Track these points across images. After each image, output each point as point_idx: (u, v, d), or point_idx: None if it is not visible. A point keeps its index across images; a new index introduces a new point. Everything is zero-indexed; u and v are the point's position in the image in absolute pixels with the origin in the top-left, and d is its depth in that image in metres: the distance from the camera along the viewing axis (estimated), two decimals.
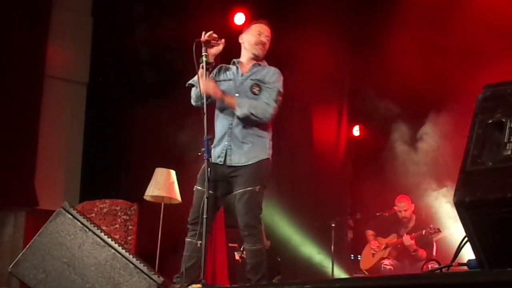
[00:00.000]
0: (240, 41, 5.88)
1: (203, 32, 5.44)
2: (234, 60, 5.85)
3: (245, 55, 5.81)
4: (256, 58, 5.80)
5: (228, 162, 5.41)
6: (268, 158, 5.56)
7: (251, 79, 5.61)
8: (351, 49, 10.80)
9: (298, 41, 10.01)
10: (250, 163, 5.39)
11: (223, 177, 5.42)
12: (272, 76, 5.68)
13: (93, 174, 9.66)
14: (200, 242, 5.12)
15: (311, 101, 11.34)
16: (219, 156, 5.44)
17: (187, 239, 5.37)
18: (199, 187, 5.41)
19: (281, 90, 5.64)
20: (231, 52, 5.94)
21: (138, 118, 9.50)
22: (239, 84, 5.60)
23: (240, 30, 10.43)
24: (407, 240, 8.57)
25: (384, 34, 9.46)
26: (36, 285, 4.22)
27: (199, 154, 5.32)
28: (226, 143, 5.46)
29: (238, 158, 5.40)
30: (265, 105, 5.45)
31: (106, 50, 9.98)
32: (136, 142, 9.56)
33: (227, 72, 5.77)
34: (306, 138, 11.29)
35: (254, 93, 5.49)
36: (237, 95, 5.46)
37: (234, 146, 5.43)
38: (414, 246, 8.53)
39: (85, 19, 10.24)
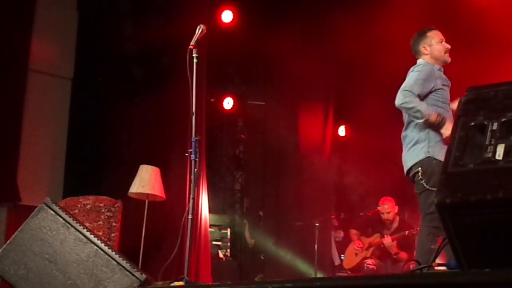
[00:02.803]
0: (425, 51, 5.85)
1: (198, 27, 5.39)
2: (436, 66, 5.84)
3: (435, 64, 5.82)
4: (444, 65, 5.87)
5: None
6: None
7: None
8: (338, 49, 10.83)
9: (286, 41, 10.02)
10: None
11: None
12: None
13: (77, 170, 9.62)
14: None
15: (298, 101, 11.37)
16: None
17: None
18: None
19: None
20: (219, 49, 5.94)
21: (124, 114, 9.47)
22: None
23: (228, 27, 10.46)
24: (388, 241, 8.64)
25: (371, 33, 9.49)
26: (17, 281, 4.21)
27: (186, 155, 5.30)
28: None
29: None
30: None
31: (91, 45, 9.93)
32: (121, 138, 9.54)
33: (442, 76, 5.80)
34: (293, 138, 11.33)
35: None
36: None
37: None
38: (395, 249, 8.61)
39: (70, 13, 10.18)
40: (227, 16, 10.71)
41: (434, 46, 5.79)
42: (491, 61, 8.36)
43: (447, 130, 5.28)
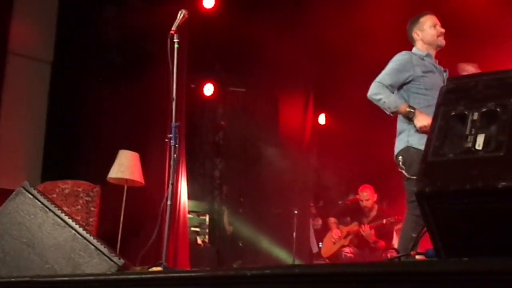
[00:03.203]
0: (417, 37, 5.79)
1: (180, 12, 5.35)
2: (419, 53, 5.75)
3: (428, 49, 5.76)
4: (439, 49, 5.80)
5: None
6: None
7: (445, 71, 5.70)
8: (318, 36, 10.83)
9: (267, 28, 10.00)
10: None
11: None
12: None
13: (56, 154, 9.57)
14: None
15: (278, 88, 11.38)
16: None
17: None
18: None
19: None
20: (200, 35, 5.91)
21: (103, 98, 9.43)
22: (440, 76, 5.65)
23: (209, 13, 10.39)
24: (366, 230, 8.68)
25: (352, 22, 9.48)
26: None
27: (166, 140, 5.28)
28: None
29: None
30: None
31: (72, 29, 9.87)
32: (101, 123, 9.49)
33: (425, 64, 5.69)
34: (273, 125, 11.34)
35: None
36: None
37: None
38: (373, 237, 8.64)
39: None
40: (208, 2, 10.66)
41: (426, 31, 5.75)
42: (475, 53, 8.40)
43: (418, 122, 5.28)
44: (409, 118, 5.37)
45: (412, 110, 5.35)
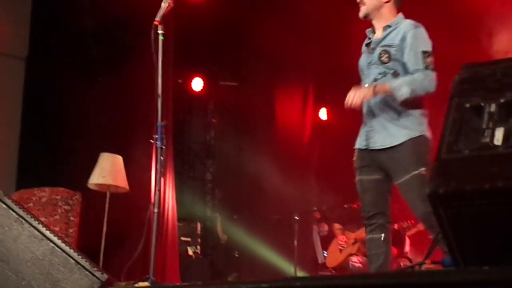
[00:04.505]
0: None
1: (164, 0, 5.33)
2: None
3: None
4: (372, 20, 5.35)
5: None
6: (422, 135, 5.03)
7: (381, 46, 5.20)
8: (316, 22, 10.81)
9: (260, 16, 9.99)
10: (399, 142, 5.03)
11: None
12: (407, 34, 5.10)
13: (31, 159, 9.57)
14: (383, 235, 5.01)
15: (275, 82, 11.37)
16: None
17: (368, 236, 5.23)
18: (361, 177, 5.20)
19: (427, 49, 5.01)
20: (187, 25, 5.90)
21: (82, 97, 9.41)
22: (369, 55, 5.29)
23: (197, 1, 10.38)
24: None
25: (354, 9, 9.47)
26: None
27: (151, 141, 5.27)
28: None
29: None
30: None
31: (47, 21, 9.86)
32: (80, 124, 9.48)
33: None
34: (269, 123, 11.33)
35: (383, 62, 5.12)
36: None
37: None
38: None
39: None
40: None
41: None
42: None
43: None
44: None
45: None
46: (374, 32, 5.29)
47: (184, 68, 11.47)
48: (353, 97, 5.01)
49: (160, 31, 5.24)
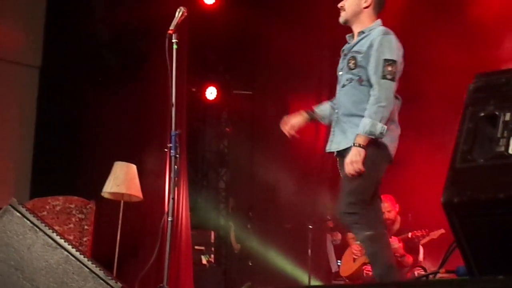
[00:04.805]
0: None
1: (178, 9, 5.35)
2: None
3: None
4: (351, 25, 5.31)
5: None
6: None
7: (351, 52, 5.17)
8: (331, 33, 10.80)
9: (274, 24, 10.00)
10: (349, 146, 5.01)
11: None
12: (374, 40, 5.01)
13: (46, 167, 9.59)
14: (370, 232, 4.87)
15: (289, 90, 11.35)
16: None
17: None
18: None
19: (391, 57, 4.89)
20: (201, 34, 5.91)
21: (97, 106, 9.43)
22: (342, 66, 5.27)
23: (210, 10, 10.41)
24: (394, 243, 8.54)
25: None
26: None
27: (165, 150, 5.27)
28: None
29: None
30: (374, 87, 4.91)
31: (61, 30, 9.89)
32: (94, 132, 9.50)
33: None
34: (282, 131, 11.29)
35: (350, 68, 5.09)
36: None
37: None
38: (402, 251, 8.54)
39: None
40: None
41: None
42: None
43: None
44: None
45: None
46: (353, 37, 5.26)
47: (198, 77, 11.50)
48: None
49: (174, 40, 5.25)
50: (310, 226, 9.52)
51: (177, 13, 5.34)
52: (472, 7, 8.62)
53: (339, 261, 9.84)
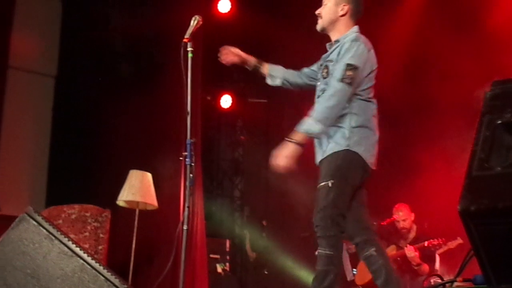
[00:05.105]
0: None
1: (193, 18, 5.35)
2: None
3: None
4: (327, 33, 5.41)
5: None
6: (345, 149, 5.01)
7: (325, 61, 5.27)
8: None
9: (288, 31, 9.99)
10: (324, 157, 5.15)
11: None
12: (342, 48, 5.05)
13: (61, 176, 9.61)
14: (373, 248, 5.04)
15: (304, 98, 11.33)
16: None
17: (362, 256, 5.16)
18: None
19: (353, 62, 4.90)
20: (216, 42, 5.91)
21: (112, 114, 9.45)
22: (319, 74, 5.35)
23: (225, 18, 10.42)
24: (410, 251, 8.51)
25: (383, 20, 9.47)
26: None
27: (180, 159, 5.27)
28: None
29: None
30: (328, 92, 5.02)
31: (76, 40, 9.93)
32: (109, 141, 9.52)
33: None
34: None
35: (323, 77, 5.20)
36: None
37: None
38: (418, 259, 8.49)
39: (53, 5, 10.19)
40: (224, 5, 10.69)
41: None
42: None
43: None
44: None
45: None
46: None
47: (212, 85, 11.51)
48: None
49: (189, 49, 5.26)
50: None
51: (192, 22, 5.35)
52: (486, 16, 8.59)
53: (354, 269, 9.81)
